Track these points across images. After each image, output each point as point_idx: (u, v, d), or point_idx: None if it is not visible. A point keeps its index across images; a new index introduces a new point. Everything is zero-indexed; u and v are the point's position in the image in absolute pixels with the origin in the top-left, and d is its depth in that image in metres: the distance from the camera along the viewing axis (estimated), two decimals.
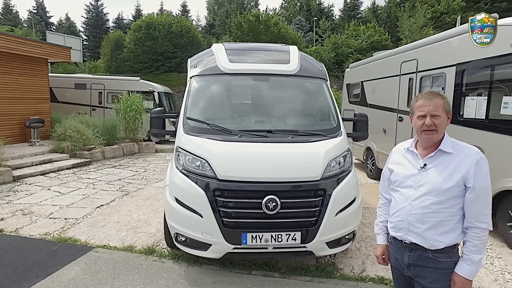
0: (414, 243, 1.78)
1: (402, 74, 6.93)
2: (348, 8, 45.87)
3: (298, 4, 51.41)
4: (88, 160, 9.72)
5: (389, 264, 2.04)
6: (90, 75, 18.33)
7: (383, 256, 2.05)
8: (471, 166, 1.67)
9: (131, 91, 12.80)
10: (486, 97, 4.62)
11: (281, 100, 4.42)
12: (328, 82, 4.55)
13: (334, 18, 47.08)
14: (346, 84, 10.08)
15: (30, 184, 7.21)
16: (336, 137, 3.75)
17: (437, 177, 1.73)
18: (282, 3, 56.02)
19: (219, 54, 4.47)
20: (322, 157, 3.33)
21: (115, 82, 15.54)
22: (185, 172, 3.34)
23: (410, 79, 6.59)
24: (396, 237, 1.88)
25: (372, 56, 9.14)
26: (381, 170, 8.18)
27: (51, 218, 5.12)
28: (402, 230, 1.82)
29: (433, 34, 24.57)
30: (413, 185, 1.79)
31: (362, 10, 46.47)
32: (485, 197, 1.67)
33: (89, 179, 7.88)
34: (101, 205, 5.83)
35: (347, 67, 10.62)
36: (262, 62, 4.42)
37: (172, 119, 4.22)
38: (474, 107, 4.76)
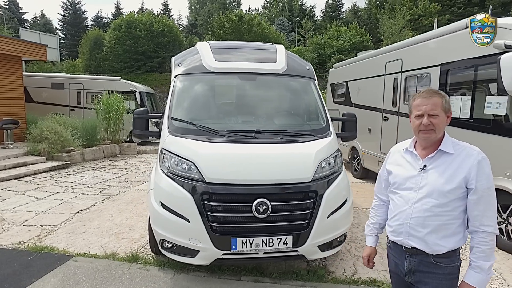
0: (415, 248, 1.71)
1: (387, 74, 6.97)
2: (330, 9, 46.39)
3: (280, 4, 51.64)
4: (66, 162, 9.33)
5: (388, 269, 1.97)
6: (68, 74, 17.69)
7: (369, 258, 2.03)
8: (472, 167, 1.61)
9: (112, 91, 12.46)
10: (470, 97, 4.68)
11: (268, 99, 4.32)
12: (316, 82, 4.49)
13: (316, 19, 47.51)
14: (331, 84, 10.10)
15: (2, 189, 6.82)
16: (326, 137, 3.68)
17: (438, 178, 1.66)
18: (264, 3, 56.18)
19: (204, 52, 4.33)
20: (312, 157, 3.25)
21: (94, 82, 15.05)
22: (170, 175, 3.19)
23: (395, 79, 6.63)
24: (396, 242, 1.81)
25: (356, 56, 9.19)
26: (366, 169, 8.15)
27: (25, 226, 4.83)
28: (402, 234, 1.75)
29: (412, 36, 25.21)
30: (413, 187, 1.72)
31: (343, 11, 47.11)
32: (489, 198, 1.61)
33: (68, 182, 7.55)
34: (81, 210, 5.56)
35: (331, 67, 10.65)
36: (249, 61, 4.31)
37: (155, 120, 4.06)
38: (459, 106, 4.81)
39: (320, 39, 28.73)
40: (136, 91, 14.69)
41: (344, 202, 3.33)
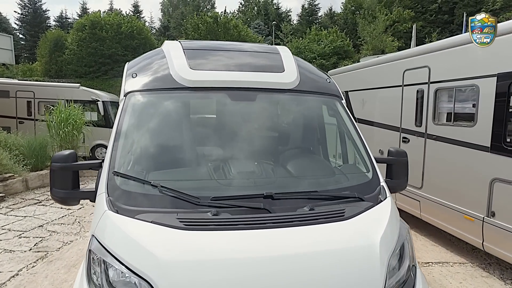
0: None
1: (406, 85, 5.65)
2: (306, 13, 45.76)
3: (256, 8, 50.58)
4: (0, 195, 7.35)
5: None
6: (14, 81, 15.31)
7: None
8: None
9: (70, 100, 10.59)
10: None
11: (277, 132, 2.82)
12: (344, 101, 3.02)
13: (292, 23, 46.77)
14: None
15: None
16: (381, 200, 2.21)
17: None
18: (239, 6, 54.86)
19: (174, 56, 2.74)
20: (377, 255, 1.76)
21: (48, 89, 12.91)
22: None
23: (418, 91, 5.31)
24: None
25: (358, 61, 7.89)
26: None
27: None
28: None
29: (392, 41, 24.61)
30: None
31: (320, 16, 46.64)
32: None
33: None
34: None
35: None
36: (243, 69, 2.75)
37: (94, 166, 2.42)
38: None
39: (300, 43, 27.66)
40: (99, 100, 12.71)
41: None
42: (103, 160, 2.31)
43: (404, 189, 2.83)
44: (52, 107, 10.41)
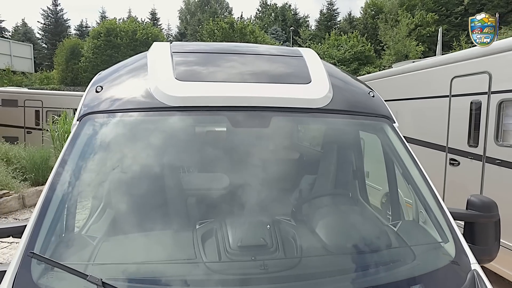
0: None
1: (454, 95, 4.63)
2: (325, 18, 44.83)
3: (273, 14, 50.09)
4: None
5: None
6: (24, 89, 15.07)
7: None
8: None
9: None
10: None
11: (299, 173, 1.91)
12: (396, 124, 2.07)
13: (310, 28, 45.94)
14: None
15: None
16: None
17: None
18: (256, 13, 54.48)
19: (156, 62, 1.87)
20: None
21: (56, 98, 12.54)
22: None
23: (473, 103, 4.29)
24: None
25: (390, 67, 6.90)
26: None
27: None
28: None
29: (416, 46, 23.42)
30: None
31: (338, 21, 45.60)
32: None
33: None
34: None
35: None
36: (251, 80, 1.82)
37: None
38: None
39: (318, 48, 26.72)
40: None
41: None
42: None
43: (494, 259, 1.85)
44: (57, 117, 9.90)
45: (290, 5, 50.17)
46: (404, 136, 4.92)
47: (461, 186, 4.50)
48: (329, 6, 45.01)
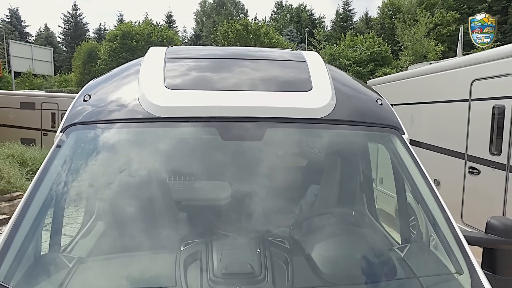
0: None
1: (474, 99, 4.34)
2: (341, 19, 44.29)
3: (288, 15, 49.87)
4: (5, 217, 6.82)
5: None
6: (41, 92, 15.42)
7: None
8: None
9: None
10: None
11: (296, 190, 1.75)
12: (406, 136, 1.87)
13: (326, 29, 45.47)
14: None
15: None
16: None
17: None
18: (271, 14, 54.37)
19: (148, 69, 1.74)
20: None
21: (71, 101, 12.71)
22: None
23: (496, 107, 4.00)
24: None
25: (407, 68, 6.63)
26: None
27: None
28: None
29: (435, 46, 22.70)
30: None
31: (355, 21, 44.95)
32: None
33: None
34: None
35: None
36: (244, 88, 1.67)
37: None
38: None
39: (334, 49, 26.33)
40: None
41: None
42: None
43: None
44: None
45: (305, 6, 49.89)
46: (420, 142, 4.60)
47: (482, 197, 4.21)
48: (345, 6, 44.47)
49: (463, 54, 7.38)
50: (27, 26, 54.50)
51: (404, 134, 1.86)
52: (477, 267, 1.35)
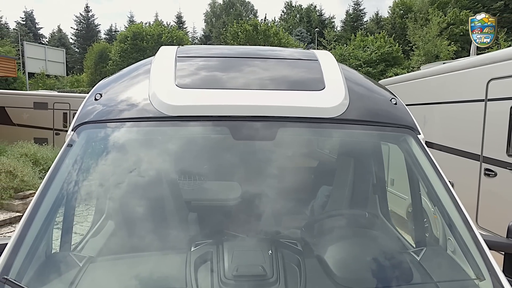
0: None
1: (490, 100, 4.23)
2: (351, 19, 43.96)
3: (298, 16, 49.73)
4: (18, 214, 6.93)
5: None
6: (53, 92, 15.68)
7: None
8: None
9: None
10: None
11: (308, 191, 1.71)
12: (422, 136, 1.82)
13: (336, 29, 45.19)
14: None
15: None
16: None
17: None
18: (281, 14, 54.30)
19: (159, 68, 1.73)
20: None
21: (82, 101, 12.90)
22: None
23: None
24: None
25: (419, 69, 6.52)
26: None
27: None
28: None
29: (448, 45, 22.25)
30: None
31: (365, 21, 44.57)
32: None
33: None
34: None
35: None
36: (256, 87, 1.64)
37: None
38: None
39: (344, 50, 26.13)
40: None
41: None
42: None
43: None
44: None
45: (315, 6, 49.66)
46: (432, 143, 4.47)
47: (498, 200, 4.10)
48: (355, 6, 44.13)
49: (477, 54, 7.22)
50: (41, 28, 55.56)
51: (420, 134, 1.80)
52: (500, 273, 1.30)
